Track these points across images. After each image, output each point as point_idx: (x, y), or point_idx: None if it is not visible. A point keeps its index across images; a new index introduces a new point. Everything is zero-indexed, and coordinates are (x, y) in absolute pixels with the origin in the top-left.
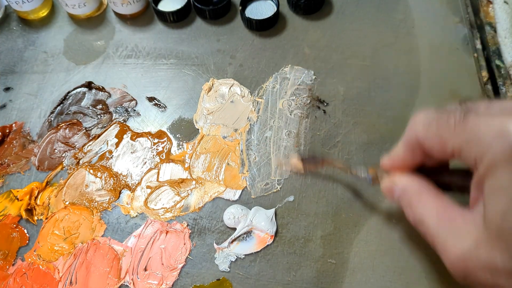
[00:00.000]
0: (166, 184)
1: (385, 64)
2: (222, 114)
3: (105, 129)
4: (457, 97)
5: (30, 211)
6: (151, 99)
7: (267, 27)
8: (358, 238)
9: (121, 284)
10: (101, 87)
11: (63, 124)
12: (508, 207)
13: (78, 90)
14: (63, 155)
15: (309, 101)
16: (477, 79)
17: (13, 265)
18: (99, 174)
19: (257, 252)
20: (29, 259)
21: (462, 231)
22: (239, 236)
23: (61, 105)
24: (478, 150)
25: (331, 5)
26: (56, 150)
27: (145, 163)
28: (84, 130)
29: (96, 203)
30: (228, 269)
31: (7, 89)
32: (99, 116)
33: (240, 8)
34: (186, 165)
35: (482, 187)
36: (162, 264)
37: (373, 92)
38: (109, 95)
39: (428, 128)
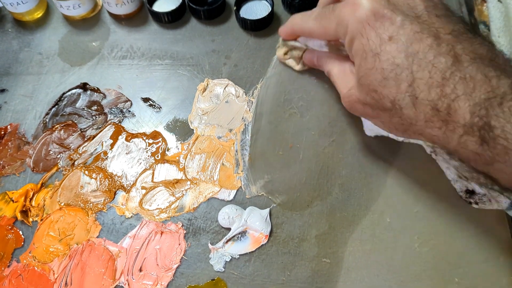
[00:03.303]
0: (161, 184)
1: None
2: (217, 114)
3: (100, 130)
4: None
5: (25, 212)
6: (146, 99)
7: (261, 27)
8: (352, 237)
9: (116, 285)
10: (96, 88)
11: (58, 126)
12: (360, 64)
13: (73, 91)
14: (58, 156)
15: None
16: None
17: (8, 266)
18: (94, 175)
19: (252, 252)
20: (24, 261)
21: (348, 79)
22: (234, 236)
23: (56, 106)
24: (343, 27)
25: None
26: (51, 152)
27: (140, 163)
28: (79, 131)
29: (91, 204)
30: (223, 269)
31: (2, 90)
32: (94, 117)
33: (235, 8)
34: (181, 166)
35: (351, 49)
36: (157, 264)
37: None
38: (104, 96)
39: (315, 22)
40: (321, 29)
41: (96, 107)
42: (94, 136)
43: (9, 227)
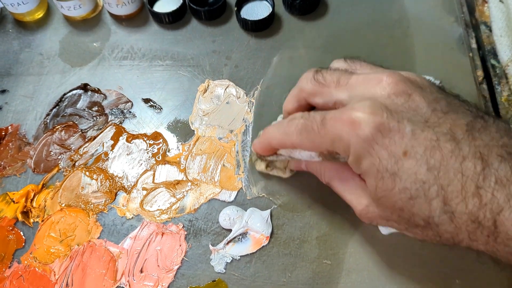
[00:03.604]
0: (161, 185)
1: (381, 64)
2: (218, 115)
3: (100, 131)
4: None
5: (26, 213)
6: (146, 100)
7: (262, 27)
8: (353, 239)
9: (117, 286)
10: (96, 89)
11: (59, 126)
12: (377, 185)
13: (74, 92)
14: (59, 157)
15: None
16: (472, 79)
17: (9, 267)
18: (95, 176)
19: (253, 253)
20: (25, 262)
21: (360, 194)
22: (235, 237)
23: (57, 107)
24: (343, 145)
25: (326, 6)
26: (52, 153)
27: (141, 164)
28: (80, 132)
29: (92, 205)
30: (224, 271)
31: (3, 91)
32: (94, 118)
33: (236, 9)
34: (182, 167)
35: (359, 168)
36: (158, 265)
37: None
38: (105, 97)
39: (301, 137)
40: (311, 144)
41: (97, 108)
42: (95, 137)
43: (10, 228)
